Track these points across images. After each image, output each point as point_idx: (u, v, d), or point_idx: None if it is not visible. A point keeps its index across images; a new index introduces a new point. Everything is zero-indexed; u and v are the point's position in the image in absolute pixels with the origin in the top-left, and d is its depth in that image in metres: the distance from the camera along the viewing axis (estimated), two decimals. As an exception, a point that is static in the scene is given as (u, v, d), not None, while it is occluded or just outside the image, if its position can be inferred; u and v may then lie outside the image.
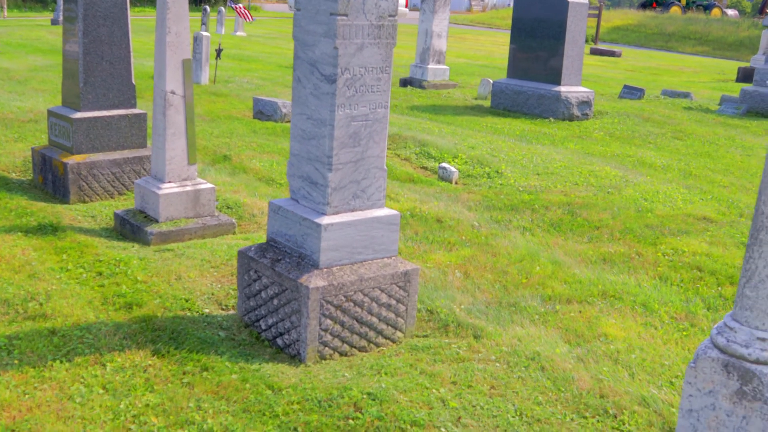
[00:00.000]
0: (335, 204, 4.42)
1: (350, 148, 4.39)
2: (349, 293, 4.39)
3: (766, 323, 2.76)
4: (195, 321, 4.67)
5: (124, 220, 6.25)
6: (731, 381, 2.80)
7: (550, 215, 7.14)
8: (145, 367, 4.08)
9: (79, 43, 6.96)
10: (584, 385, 4.17)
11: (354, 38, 4.25)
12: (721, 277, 5.95)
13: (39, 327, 4.47)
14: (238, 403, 3.79)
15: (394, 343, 4.63)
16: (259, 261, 4.60)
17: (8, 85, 12.07)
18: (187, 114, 6.19)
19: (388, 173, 8.22)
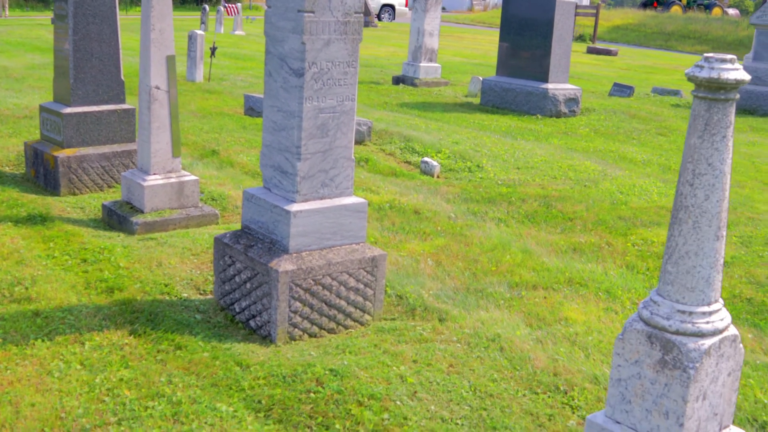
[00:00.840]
0: (304, 192, 4.64)
1: (318, 138, 4.61)
2: (317, 277, 4.61)
3: (685, 297, 2.98)
4: (173, 304, 4.89)
5: (111, 211, 6.48)
6: (654, 351, 3.01)
7: (526, 207, 7.36)
8: (121, 346, 4.31)
9: (69, 40, 7.18)
10: (539, 364, 4.38)
11: (321, 34, 4.47)
12: (686, 265, 6.15)
13: (23, 309, 4.69)
14: (207, 378, 4.01)
15: (362, 325, 4.84)
16: (233, 247, 4.82)
17: (5, 83, 12.31)
18: (172, 108, 6.41)
19: (371, 167, 8.45)
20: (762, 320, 5.29)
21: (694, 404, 2.97)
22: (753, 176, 9.34)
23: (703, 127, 2.85)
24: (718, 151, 2.85)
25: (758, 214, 7.61)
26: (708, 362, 2.95)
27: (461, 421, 3.74)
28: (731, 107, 2.84)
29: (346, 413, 3.71)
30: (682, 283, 2.97)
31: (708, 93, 2.82)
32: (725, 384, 3.09)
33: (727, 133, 2.85)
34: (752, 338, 5.01)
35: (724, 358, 3.04)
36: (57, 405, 3.71)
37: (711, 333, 2.95)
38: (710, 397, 3.03)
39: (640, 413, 3.07)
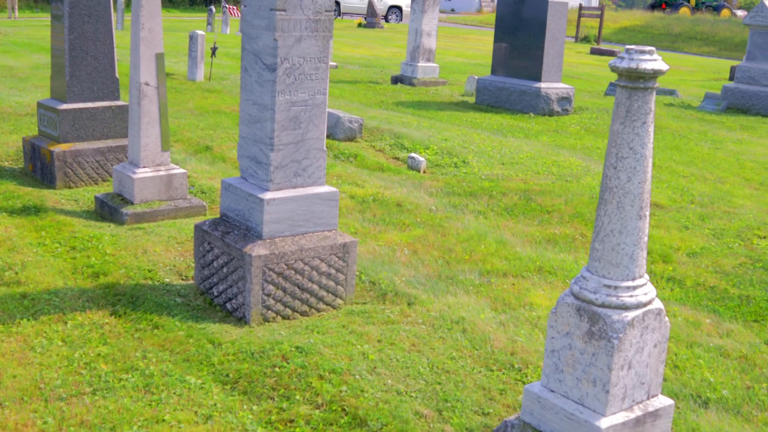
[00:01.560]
0: (278, 181, 4.88)
1: (291, 130, 4.85)
2: (290, 262, 4.85)
3: (611, 272, 3.20)
4: (155, 288, 5.14)
5: (103, 202, 6.74)
6: (583, 323, 3.24)
7: (506, 201, 7.58)
8: (102, 325, 4.56)
9: (65, 39, 7.45)
10: (499, 344, 4.61)
11: (292, 31, 4.72)
12: (656, 255, 6.38)
13: (12, 291, 4.95)
14: (180, 354, 4.26)
15: (334, 309, 5.08)
16: (211, 233, 5.07)
17: (10, 82, 12.61)
18: (161, 104, 6.67)
19: (359, 163, 8.70)
20: (722, 307, 5.50)
21: (620, 372, 3.19)
22: (736, 172, 9.53)
23: (625, 113, 3.08)
24: (639, 136, 3.08)
25: (734, 208, 7.81)
26: (632, 333, 3.18)
27: (415, 393, 3.97)
28: (651, 95, 3.07)
29: (307, 386, 3.95)
30: (607, 260, 3.20)
31: (628, 82, 3.05)
32: (651, 355, 3.31)
33: (647, 119, 3.07)
34: (710, 323, 5.22)
35: (649, 330, 3.26)
36: (37, 377, 3.96)
37: (635, 306, 3.18)
38: (636, 366, 3.26)
39: (572, 382, 3.30)
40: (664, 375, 4.42)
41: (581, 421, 3.22)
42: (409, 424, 3.66)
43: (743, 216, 7.55)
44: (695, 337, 4.95)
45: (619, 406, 3.25)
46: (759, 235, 7.08)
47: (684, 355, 4.68)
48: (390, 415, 3.73)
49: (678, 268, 6.17)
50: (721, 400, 4.20)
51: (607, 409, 3.20)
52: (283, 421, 3.69)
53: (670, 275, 6.01)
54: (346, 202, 7.21)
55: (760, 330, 5.16)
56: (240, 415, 3.71)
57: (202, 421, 3.64)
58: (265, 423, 3.67)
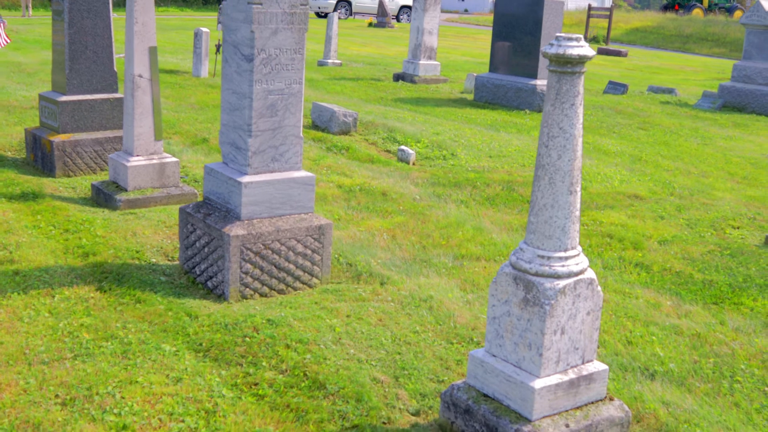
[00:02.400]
0: (255, 165, 5.16)
1: (268, 117, 5.13)
2: (267, 242, 5.13)
3: (544, 244, 3.46)
4: (141, 267, 5.43)
5: (98, 189, 7.04)
6: (519, 291, 3.50)
7: (489, 191, 7.83)
8: (87, 299, 4.85)
9: (65, 33, 7.76)
10: (462, 320, 4.87)
11: (269, 24, 4.99)
12: (627, 243, 6.62)
13: (5, 269, 5.25)
14: (158, 325, 4.54)
15: (311, 288, 5.35)
16: (194, 215, 5.35)
17: (18, 77, 12.96)
18: (154, 95, 6.96)
19: (350, 155, 8.97)
20: (684, 290, 5.74)
21: (552, 337, 3.45)
22: (721, 167, 9.73)
23: (555, 96, 3.34)
24: (568, 117, 3.33)
25: (713, 201, 8.03)
26: (563, 300, 3.43)
27: (375, 362, 4.24)
28: (579, 79, 3.32)
29: (273, 354, 4.23)
30: (541, 232, 3.46)
31: (557, 67, 3.30)
32: (585, 322, 3.57)
33: (576, 101, 3.33)
34: (670, 305, 5.46)
35: (581, 298, 3.51)
36: (23, 344, 4.25)
37: (566, 275, 3.43)
38: (569, 332, 3.51)
39: (510, 346, 3.56)
40: (616, 349, 4.67)
41: (518, 383, 3.48)
42: (365, 388, 3.93)
43: (720, 207, 7.77)
44: (653, 317, 5.19)
45: (554, 368, 3.50)
46: (732, 225, 7.30)
47: (639, 332, 4.92)
48: (348, 380, 4.00)
49: (648, 254, 6.41)
50: (667, 372, 4.44)
51: (542, 371, 3.46)
52: (248, 384, 3.97)
53: (638, 261, 6.25)
54: (333, 191, 7.49)
55: (718, 311, 5.39)
56: (208, 378, 3.98)
57: (172, 383, 3.92)
58: (231, 385, 3.95)
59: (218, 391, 3.86)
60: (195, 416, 3.63)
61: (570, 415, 3.54)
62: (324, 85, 14.50)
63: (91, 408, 3.66)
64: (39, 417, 3.56)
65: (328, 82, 15.02)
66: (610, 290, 5.61)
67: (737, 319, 5.26)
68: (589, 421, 3.55)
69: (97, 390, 3.82)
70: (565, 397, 3.53)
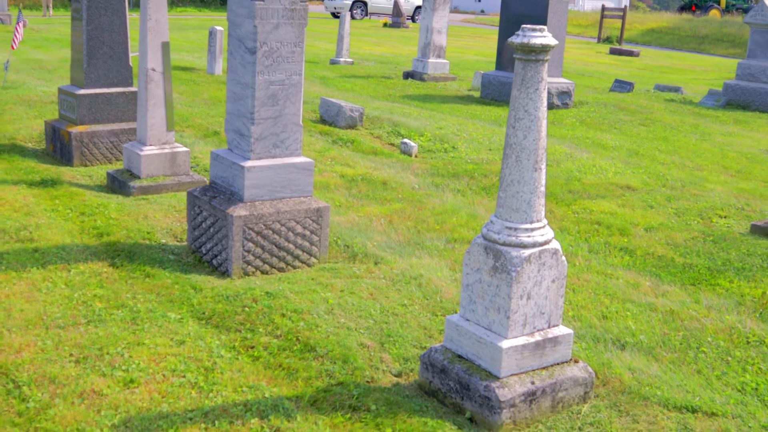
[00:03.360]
0: (258, 151, 5.52)
1: (269, 106, 5.49)
2: (268, 222, 5.50)
3: (512, 216, 3.80)
4: (151, 247, 5.81)
5: (113, 177, 7.43)
6: (489, 260, 3.84)
7: (486, 181, 8.17)
8: (100, 273, 5.24)
9: (83, 30, 8.16)
10: (448, 296, 5.21)
11: (270, 19, 5.36)
12: (615, 229, 6.94)
13: (26, 247, 5.65)
14: (165, 296, 4.92)
15: (309, 266, 5.71)
16: (201, 198, 5.73)
17: (38, 74, 13.42)
18: (166, 88, 7.34)
19: (355, 147, 9.33)
20: (664, 272, 6.05)
21: (519, 301, 3.79)
22: (717, 161, 10.01)
23: (521, 81, 3.68)
24: (532, 100, 3.68)
25: (703, 192, 8.33)
26: (529, 268, 3.77)
27: (363, 330, 4.59)
28: (542, 66, 3.66)
29: (269, 321, 4.59)
30: (509, 206, 3.80)
31: (523, 55, 3.65)
32: (550, 289, 3.91)
33: (540, 86, 3.67)
34: (649, 285, 5.78)
35: (546, 266, 3.85)
36: (41, 311, 4.64)
37: (531, 245, 3.77)
38: (535, 297, 3.85)
39: (482, 311, 3.90)
40: (591, 323, 5.01)
41: (488, 344, 3.83)
42: (351, 351, 4.29)
43: (710, 198, 8.06)
44: (631, 296, 5.52)
45: (521, 331, 3.85)
46: (720, 215, 7.60)
47: (615, 308, 5.25)
48: (337, 344, 4.36)
49: (633, 240, 6.73)
50: (637, 343, 4.76)
51: (509, 333, 3.80)
52: (245, 347, 4.33)
53: (623, 246, 6.57)
54: (335, 180, 7.85)
55: (695, 291, 5.70)
56: (209, 341, 4.35)
57: (176, 345, 4.29)
58: (230, 348, 4.32)
59: (217, 352, 4.23)
60: (195, 372, 4.00)
61: (536, 373, 3.88)
62: (335, 83, 14.87)
63: (101, 365, 4.04)
64: (55, 372, 3.94)
65: (339, 79, 15.39)
66: (593, 272, 5.94)
67: (712, 299, 5.57)
68: (554, 380, 3.89)
69: (108, 350, 4.19)
70: (531, 358, 3.87)
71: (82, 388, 3.81)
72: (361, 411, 3.75)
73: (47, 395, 3.75)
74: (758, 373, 4.50)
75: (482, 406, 3.75)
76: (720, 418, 3.96)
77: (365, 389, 3.93)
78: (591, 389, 4.06)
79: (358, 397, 3.84)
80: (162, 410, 3.66)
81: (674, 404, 4.05)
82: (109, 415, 3.60)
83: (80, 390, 3.79)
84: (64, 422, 3.53)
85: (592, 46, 32.25)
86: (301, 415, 3.66)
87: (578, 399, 4.00)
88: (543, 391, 3.84)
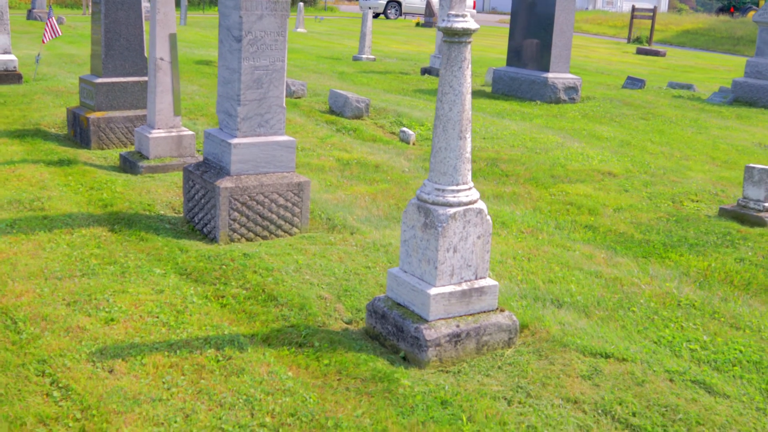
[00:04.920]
0: (244, 130, 6.12)
1: (254, 89, 6.09)
2: (252, 194, 6.09)
3: (440, 179, 4.34)
4: (150, 217, 6.44)
5: (125, 158, 8.09)
6: (421, 217, 4.38)
7: (474, 167, 8.69)
8: (99, 236, 5.87)
9: (101, 23, 8.84)
10: (411, 260, 5.74)
11: (255, 10, 5.95)
12: (584, 209, 7.43)
13: (37, 215, 6.31)
14: (154, 256, 5.54)
15: (291, 236, 6.30)
16: (194, 173, 6.34)
17: (69, 67, 14.21)
18: (173, 75, 7.98)
19: (356, 135, 9.90)
20: (619, 246, 6.54)
21: (446, 254, 4.33)
22: (707, 152, 10.41)
23: (446, 61, 4.22)
24: (456, 77, 4.21)
25: (683, 179, 8.77)
26: (454, 224, 4.31)
27: (324, 285, 5.16)
28: (465, 48, 4.20)
29: (242, 277, 5.18)
30: (438, 170, 4.34)
31: (448, 38, 4.19)
32: (476, 244, 4.44)
33: (463, 65, 4.21)
34: (603, 257, 6.27)
35: (471, 224, 4.39)
36: (43, 265, 5.28)
37: (457, 204, 4.31)
38: (461, 251, 4.39)
39: (416, 263, 4.45)
40: (536, 285, 5.52)
41: (419, 291, 4.37)
42: (309, 301, 4.86)
43: (687, 184, 8.50)
44: (582, 265, 6.01)
45: (448, 280, 4.38)
46: (692, 199, 8.04)
47: (562, 274, 5.75)
48: (297, 295, 4.93)
49: (599, 219, 7.21)
50: (574, 303, 5.27)
51: (437, 282, 4.34)
52: (217, 296, 4.93)
53: (589, 224, 7.06)
54: (331, 163, 8.43)
55: (645, 263, 6.18)
56: (185, 291, 4.96)
57: (155, 293, 4.90)
58: (202, 297, 4.91)
59: (190, 299, 4.83)
60: (168, 314, 4.60)
61: (462, 319, 4.42)
62: (352, 77, 15.47)
63: (88, 308, 4.66)
64: (47, 312, 4.57)
65: (357, 74, 15.98)
66: (553, 245, 6.44)
67: (659, 269, 6.05)
68: (478, 324, 4.42)
69: (96, 297, 4.81)
70: (458, 304, 4.41)
71: (68, 324, 4.42)
72: (306, 347, 4.32)
73: (39, 329, 4.37)
74: (679, 329, 4.98)
75: (413, 345, 4.30)
76: (629, 363, 4.45)
77: (314, 330, 4.50)
78: (515, 336, 4.58)
79: (306, 336, 4.41)
80: (134, 342, 4.26)
81: (591, 351, 4.55)
82: (88, 344, 4.21)
83: (67, 326, 4.41)
84: (50, 349, 4.15)
85: (620, 46, 32.49)
86: (252, 348, 4.24)
87: (503, 344, 4.53)
88: (467, 333, 4.38)
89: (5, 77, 12.30)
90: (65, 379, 3.85)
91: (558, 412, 3.90)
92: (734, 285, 5.83)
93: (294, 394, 3.79)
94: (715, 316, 5.21)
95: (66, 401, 3.68)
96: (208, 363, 4.05)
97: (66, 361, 4.03)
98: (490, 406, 3.86)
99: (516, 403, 3.94)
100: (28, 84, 12.22)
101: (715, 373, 4.44)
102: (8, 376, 3.88)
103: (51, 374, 3.91)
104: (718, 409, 4.02)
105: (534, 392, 4.06)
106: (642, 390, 4.14)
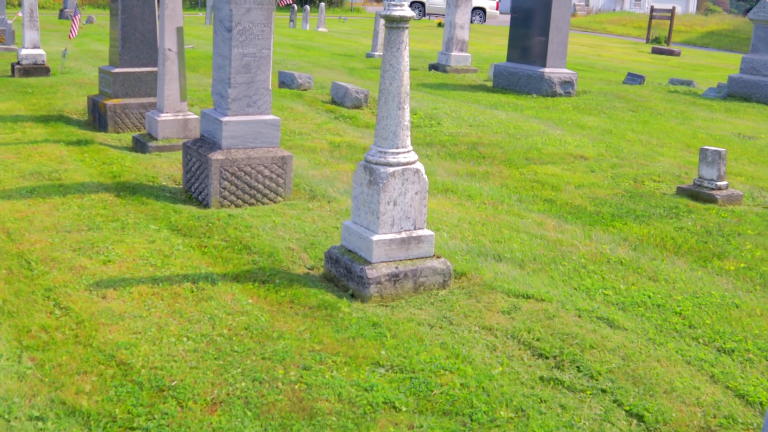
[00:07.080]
0: (234, 109, 6.96)
1: (243, 74, 6.93)
2: (240, 166, 6.93)
3: (383, 144, 5.14)
4: (153, 186, 7.31)
5: (137, 140, 8.98)
6: (366, 175, 5.19)
7: (455, 149, 9.47)
8: (106, 200, 6.75)
9: (118, 18, 9.75)
10: (376, 223, 6.54)
11: (243, 4, 6.79)
12: (548, 186, 8.18)
13: (54, 183, 7.20)
14: (151, 216, 6.39)
15: (275, 203, 7.13)
16: (192, 147, 7.20)
17: (94, 61, 15.19)
18: (180, 65, 8.86)
19: (352, 122, 10.72)
20: (570, 216, 7.27)
21: (387, 206, 5.13)
22: (684, 141, 11.08)
23: (387, 43, 5.02)
24: (395, 57, 5.01)
25: (651, 162, 9.47)
26: (394, 181, 5.11)
27: (294, 240, 5.98)
28: (403, 32, 4.99)
29: (224, 232, 6.02)
30: (381, 136, 5.14)
31: (388, 24, 4.99)
32: (414, 199, 5.23)
33: (401, 47, 5.00)
34: (553, 224, 7.02)
35: (409, 181, 5.18)
36: (55, 221, 6.16)
37: (396, 164, 5.11)
38: (401, 205, 5.18)
39: (364, 215, 5.25)
40: (483, 244, 6.29)
41: (365, 238, 5.17)
42: (278, 250, 5.68)
43: (653, 167, 9.21)
44: (531, 230, 6.77)
45: (389, 229, 5.18)
46: (654, 179, 8.75)
47: (509, 236, 6.52)
48: (269, 246, 5.76)
49: (560, 194, 7.95)
50: (512, 258, 6.03)
51: (379, 230, 5.14)
52: (200, 246, 5.77)
53: (549, 198, 7.81)
54: (322, 145, 9.26)
55: (590, 230, 6.91)
56: (173, 241, 5.80)
57: (148, 243, 5.75)
58: (188, 246, 5.76)
59: (177, 247, 5.68)
60: (156, 258, 5.45)
61: (401, 262, 5.21)
62: (360, 72, 16.29)
63: (91, 253, 5.53)
64: (56, 255, 5.44)
65: (366, 70, 16.81)
66: (510, 214, 7.20)
67: (601, 235, 6.79)
68: (415, 267, 5.21)
69: (98, 245, 5.68)
70: (398, 250, 5.21)
71: (72, 264, 5.29)
72: (268, 283, 5.14)
73: (47, 268, 5.24)
74: (600, 280, 5.73)
75: (358, 284, 5.10)
76: (546, 303, 5.21)
77: (278, 272, 5.32)
78: (449, 279, 5.36)
79: (270, 276, 5.24)
80: (125, 277, 5.11)
81: (514, 293, 5.32)
82: (87, 278, 5.07)
83: (71, 265, 5.28)
84: (56, 281, 5.01)
85: (637, 45, 33.01)
86: (223, 283, 5.08)
87: (438, 285, 5.32)
88: (405, 274, 5.17)
89: (34, 70, 13.31)
90: (66, 302, 4.71)
91: (472, 335, 4.68)
92: (666, 248, 6.55)
93: (250, 315, 4.62)
94: (639, 271, 5.94)
95: (65, 317, 4.54)
96: (183, 292, 4.89)
97: (68, 290, 4.88)
98: (413, 329, 4.65)
99: (437, 328, 4.73)
100: (55, 76, 13.21)
101: (621, 312, 5.18)
102: (20, 299, 4.75)
103: (54, 299, 4.77)
104: (613, 338, 4.78)
105: (456, 321, 4.84)
106: (551, 323, 4.90)
